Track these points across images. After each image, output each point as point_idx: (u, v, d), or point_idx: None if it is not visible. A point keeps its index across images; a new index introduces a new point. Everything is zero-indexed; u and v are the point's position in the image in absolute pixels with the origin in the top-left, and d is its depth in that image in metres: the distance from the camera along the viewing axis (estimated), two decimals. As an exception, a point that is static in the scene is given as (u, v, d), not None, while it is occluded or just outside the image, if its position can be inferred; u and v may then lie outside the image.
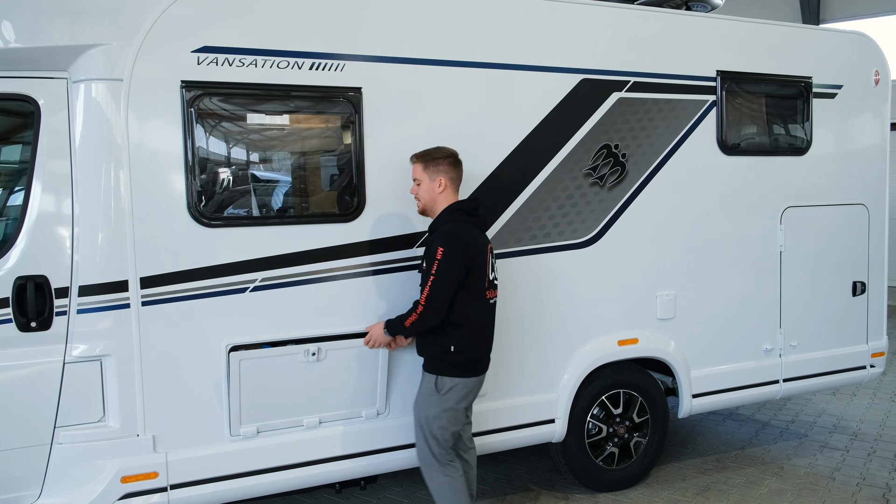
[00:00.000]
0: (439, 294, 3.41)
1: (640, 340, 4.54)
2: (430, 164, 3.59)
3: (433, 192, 3.58)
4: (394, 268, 3.86)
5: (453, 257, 3.40)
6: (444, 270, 3.39)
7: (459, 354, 3.50)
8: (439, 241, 3.43)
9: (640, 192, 4.50)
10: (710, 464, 5.17)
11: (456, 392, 3.52)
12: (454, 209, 3.56)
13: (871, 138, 5.41)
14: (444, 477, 3.58)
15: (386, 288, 3.83)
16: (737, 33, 4.87)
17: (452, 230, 3.47)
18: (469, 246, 3.46)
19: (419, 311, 3.44)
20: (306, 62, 3.61)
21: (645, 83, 4.48)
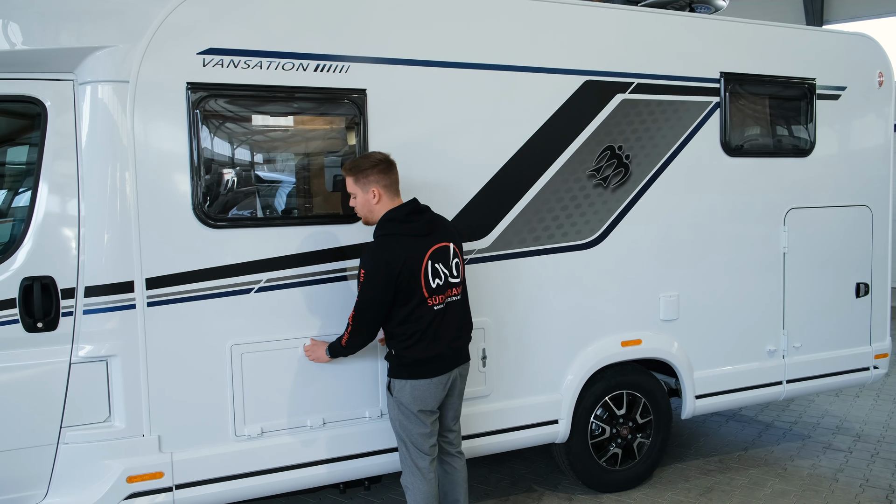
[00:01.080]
0: (365, 316, 3.36)
1: (644, 341, 4.55)
2: (360, 177, 3.39)
3: (369, 205, 3.42)
4: (398, 269, 3.87)
5: (374, 280, 3.29)
6: (366, 293, 3.31)
7: (403, 357, 3.44)
8: (362, 263, 3.36)
9: (643, 193, 4.51)
10: (714, 465, 5.17)
11: (406, 393, 3.42)
12: (384, 220, 3.40)
13: (875, 140, 5.41)
14: (409, 476, 3.51)
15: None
16: (740, 35, 4.88)
17: (374, 250, 3.36)
18: (391, 265, 3.27)
19: (348, 330, 3.42)
20: (311, 64, 3.62)
21: (648, 85, 4.48)
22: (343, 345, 3.45)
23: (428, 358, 3.44)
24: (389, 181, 3.43)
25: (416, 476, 3.50)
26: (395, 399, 3.47)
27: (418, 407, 3.45)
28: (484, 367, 4.09)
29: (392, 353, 3.49)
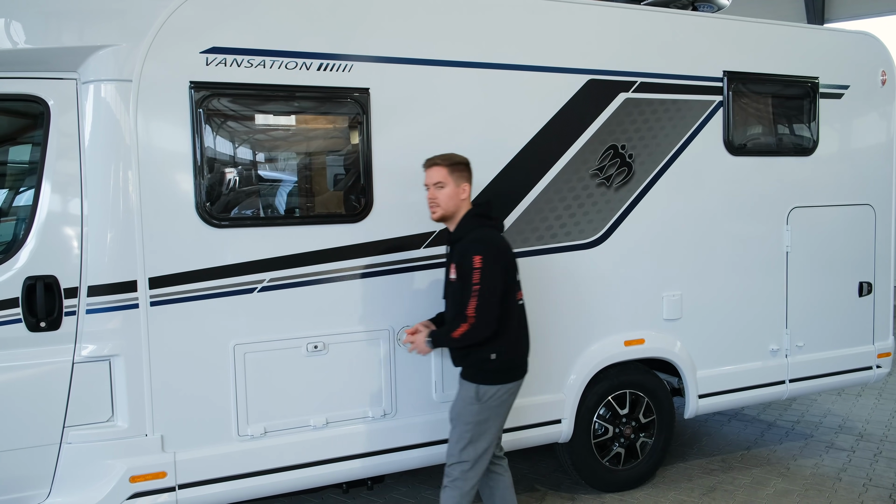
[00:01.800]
0: (488, 305, 3.26)
1: (647, 341, 4.54)
2: (456, 170, 3.42)
3: (457, 199, 3.41)
4: (402, 268, 3.86)
5: (492, 266, 3.28)
6: (487, 280, 3.25)
7: (500, 361, 3.36)
8: (474, 251, 3.27)
9: (646, 192, 4.50)
10: (716, 464, 5.17)
11: (497, 399, 3.38)
12: (475, 215, 3.45)
13: (878, 138, 5.40)
14: (458, 481, 3.40)
15: (394, 288, 3.84)
16: (743, 34, 4.87)
17: (485, 238, 3.35)
18: (502, 251, 3.37)
19: (470, 323, 3.25)
20: (314, 63, 3.61)
21: (652, 84, 4.48)
22: (455, 337, 3.30)
23: (519, 359, 3.47)
24: (471, 180, 3.50)
25: (468, 494, 3.39)
26: (484, 405, 3.35)
27: (505, 412, 3.42)
28: (487, 366, 4.08)
29: (485, 360, 3.35)
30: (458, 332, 3.29)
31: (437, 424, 3.97)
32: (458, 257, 3.36)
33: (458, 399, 3.47)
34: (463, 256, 3.32)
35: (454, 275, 3.37)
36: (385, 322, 3.83)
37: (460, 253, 3.35)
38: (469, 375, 3.42)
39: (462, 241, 3.38)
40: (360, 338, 3.78)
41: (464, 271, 3.30)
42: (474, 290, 3.24)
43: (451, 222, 3.49)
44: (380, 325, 3.82)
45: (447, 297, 3.54)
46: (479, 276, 3.24)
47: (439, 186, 3.42)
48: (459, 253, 3.36)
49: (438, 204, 3.44)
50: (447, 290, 3.52)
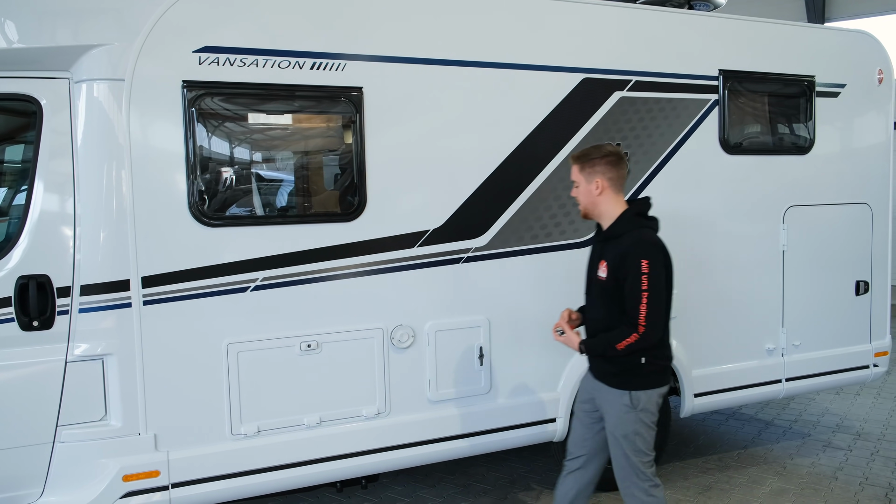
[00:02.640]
0: (658, 310, 3.09)
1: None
2: (587, 166, 3.25)
3: (591, 195, 3.25)
4: (395, 267, 3.86)
5: (658, 269, 3.11)
6: (655, 285, 3.07)
7: (652, 364, 3.19)
8: (639, 253, 3.09)
9: (641, 191, 4.49)
10: (713, 463, 5.16)
11: (652, 403, 3.21)
12: (635, 214, 3.26)
13: (875, 137, 5.39)
14: (648, 497, 3.22)
15: (387, 287, 3.84)
16: (739, 32, 4.86)
17: (649, 241, 3.17)
18: (666, 255, 3.20)
19: (641, 332, 3.06)
20: (307, 62, 3.62)
21: (647, 82, 4.47)
22: (620, 348, 3.10)
23: (668, 361, 3.31)
24: (616, 175, 3.24)
25: (655, 488, 3.23)
26: (642, 411, 3.18)
27: (658, 415, 3.26)
28: (481, 365, 4.09)
29: (636, 365, 3.16)
30: (625, 342, 3.09)
31: (432, 423, 3.98)
32: (615, 258, 3.16)
33: (609, 411, 3.25)
34: (624, 259, 3.12)
35: (604, 273, 3.20)
36: (378, 321, 3.83)
37: (620, 254, 3.14)
38: (619, 383, 3.21)
39: (619, 241, 3.18)
40: (354, 337, 3.78)
41: (622, 273, 3.12)
42: (643, 297, 3.05)
43: (599, 218, 3.31)
44: (373, 325, 3.82)
45: (591, 293, 3.39)
46: (647, 282, 3.06)
47: (574, 185, 3.33)
48: (618, 254, 3.15)
49: (578, 203, 3.35)
50: (593, 287, 3.35)
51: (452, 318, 4.01)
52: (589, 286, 3.41)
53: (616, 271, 3.15)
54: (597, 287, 3.29)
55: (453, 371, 4.03)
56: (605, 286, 3.21)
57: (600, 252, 3.29)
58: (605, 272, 3.21)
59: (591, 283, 3.37)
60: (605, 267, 3.21)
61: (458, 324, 4.02)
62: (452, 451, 4.09)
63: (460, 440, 4.08)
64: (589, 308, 3.40)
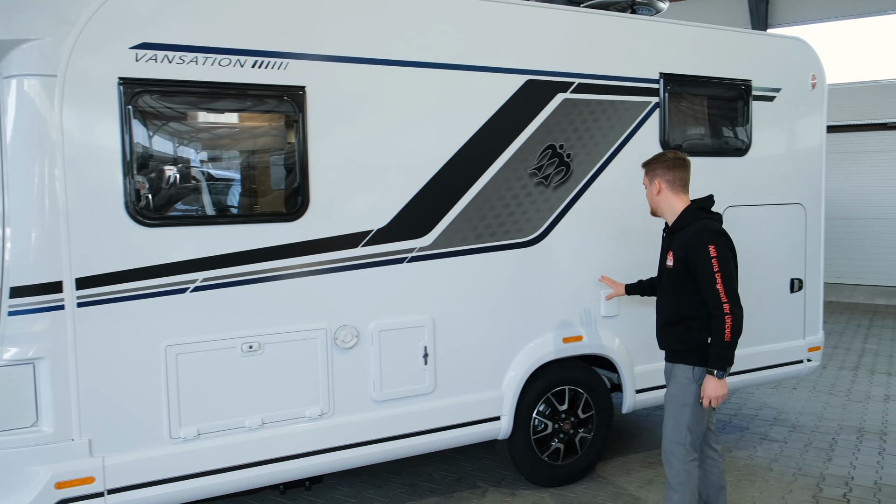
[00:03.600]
0: (732, 285, 3.42)
1: (585, 338, 4.61)
2: (648, 170, 3.72)
3: (652, 196, 3.71)
4: (339, 267, 3.85)
5: (725, 251, 3.46)
6: (724, 264, 3.41)
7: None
8: (705, 240, 3.44)
9: (584, 191, 4.57)
10: (655, 457, 5.27)
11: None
12: (698, 208, 3.62)
13: (809, 140, 5.58)
14: (684, 467, 3.54)
15: (331, 287, 3.82)
16: (679, 37, 4.98)
17: (711, 227, 3.53)
18: (729, 240, 3.55)
19: (727, 310, 3.36)
20: (249, 60, 3.57)
21: (590, 84, 4.55)
22: (729, 339, 3.37)
23: None
24: (672, 177, 3.63)
25: (690, 475, 3.54)
26: (699, 387, 3.49)
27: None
28: (426, 364, 4.10)
29: (703, 340, 3.50)
30: (727, 332, 3.37)
31: (376, 423, 3.98)
32: (681, 247, 3.52)
33: (673, 384, 3.62)
34: (691, 247, 3.46)
35: (671, 262, 3.59)
36: (322, 321, 3.82)
37: (686, 243, 3.50)
38: (683, 358, 3.56)
39: (684, 232, 3.55)
40: (297, 337, 3.75)
41: (692, 261, 3.45)
42: (717, 277, 3.38)
43: (664, 216, 3.71)
44: (317, 325, 3.80)
45: (659, 279, 3.77)
46: (718, 264, 3.40)
47: (644, 188, 3.77)
48: (684, 243, 3.51)
49: (648, 204, 3.78)
50: (663, 274, 3.71)
51: (397, 318, 4.02)
52: (660, 276, 3.78)
53: (683, 259, 3.51)
54: (666, 275, 3.66)
55: (398, 371, 4.03)
56: (673, 274, 3.59)
57: (668, 244, 3.68)
58: (672, 261, 3.59)
59: (661, 273, 3.75)
60: (672, 257, 3.59)
61: (402, 323, 4.03)
62: (398, 450, 4.10)
63: (405, 439, 4.09)
64: (661, 295, 3.76)
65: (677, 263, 3.54)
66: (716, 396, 3.43)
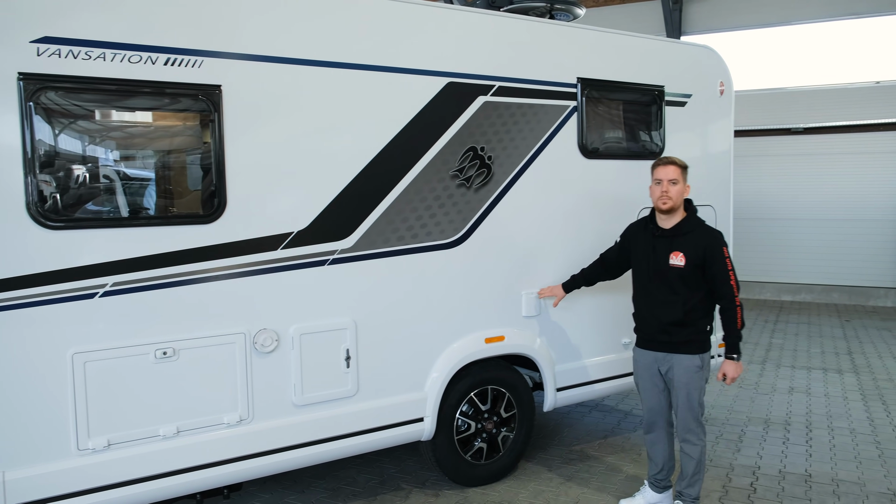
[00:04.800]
0: (738, 281, 4.01)
1: (507, 338, 4.68)
2: (685, 171, 4.10)
3: (682, 196, 4.07)
4: (258, 270, 3.78)
5: (729, 252, 4.07)
6: (733, 264, 4.01)
7: (712, 331, 4.15)
8: (721, 242, 4.01)
9: (505, 193, 4.63)
10: (575, 454, 5.40)
11: (710, 363, 4.16)
12: (694, 214, 4.14)
13: (717, 144, 5.83)
14: (699, 441, 4.08)
15: (249, 291, 3.74)
16: (596, 42, 5.11)
17: (718, 231, 4.10)
18: None
19: (738, 302, 3.98)
20: (160, 57, 3.46)
21: (509, 88, 4.62)
22: (740, 326, 4.01)
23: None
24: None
25: (703, 435, 4.11)
26: (705, 370, 4.08)
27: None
28: (348, 367, 4.07)
29: (705, 331, 4.07)
30: (739, 318, 3.99)
31: (298, 428, 3.93)
32: (694, 248, 3.97)
33: (682, 373, 4.03)
34: (708, 248, 3.96)
35: (680, 261, 3.98)
36: (240, 326, 3.73)
37: (702, 244, 3.97)
38: (690, 348, 4.02)
39: (694, 234, 4.02)
40: (214, 342, 3.66)
41: (708, 261, 3.95)
42: (731, 274, 3.96)
43: (673, 214, 4.06)
44: (235, 329, 3.72)
45: (651, 279, 4.11)
46: (730, 263, 4.00)
47: (673, 182, 4.02)
48: (699, 244, 3.97)
49: (671, 197, 4.03)
50: (657, 273, 4.07)
51: (318, 321, 3.98)
52: (652, 275, 4.10)
53: (698, 259, 3.96)
54: (672, 273, 4.01)
55: (319, 374, 3.99)
56: (683, 272, 3.99)
57: (669, 245, 4.04)
58: (682, 261, 3.98)
59: (659, 272, 4.06)
60: (681, 256, 3.99)
61: (323, 326, 3.99)
62: (320, 454, 4.05)
63: (328, 443, 4.05)
64: (657, 292, 4.09)
65: (689, 263, 3.96)
66: (737, 376, 4.02)
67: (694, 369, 4.02)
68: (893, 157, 13.13)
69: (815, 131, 13.64)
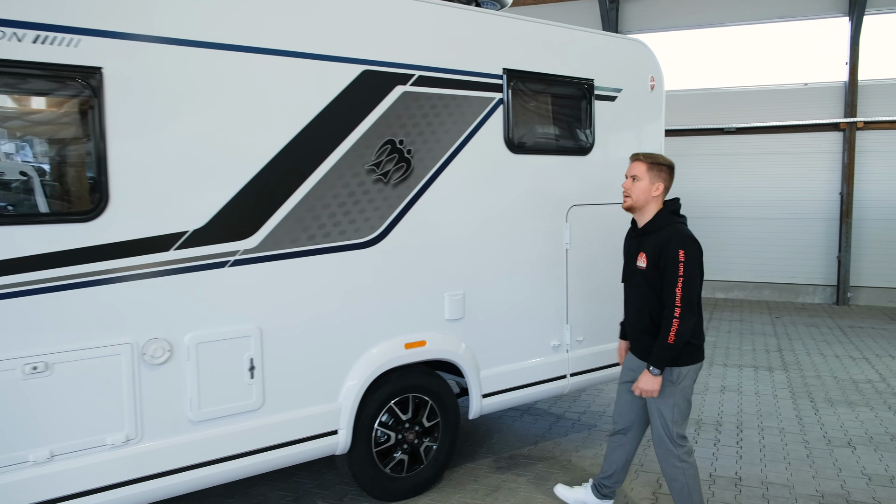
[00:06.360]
0: (691, 292, 3.52)
1: (429, 342, 4.41)
2: (655, 167, 3.70)
3: (648, 194, 3.69)
4: (148, 273, 3.41)
5: (693, 256, 3.54)
6: (690, 269, 3.52)
7: (694, 342, 3.64)
8: (677, 244, 3.54)
9: (426, 189, 4.37)
10: (504, 462, 5.18)
11: (689, 378, 3.68)
12: (672, 212, 3.71)
13: (649, 140, 5.69)
14: (681, 463, 3.70)
15: (138, 296, 3.38)
16: (524, 32, 4.89)
17: (685, 233, 3.62)
18: (699, 248, 3.60)
19: (677, 314, 3.49)
20: (28, 34, 3.07)
21: (431, 77, 4.35)
22: (672, 341, 3.50)
23: (702, 341, 3.73)
24: (670, 184, 3.77)
25: (687, 456, 3.70)
26: (679, 386, 3.65)
27: (693, 389, 3.71)
28: (252, 378, 3.74)
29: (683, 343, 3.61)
30: (672, 333, 3.50)
31: (195, 446, 3.58)
32: (654, 248, 3.63)
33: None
34: (664, 248, 3.57)
35: (643, 263, 3.67)
36: (126, 335, 3.36)
37: (659, 244, 3.60)
38: (666, 361, 3.60)
39: (659, 234, 3.64)
40: (95, 355, 3.28)
41: (661, 262, 3.57)
42: (679, 281, 3.50)
43: (639, 214, 3.76)
44: (120, 339, 3.35)
45: (628, 280, 3.87)
46: (683, 269, 3.51)
47: (636, 179, 3.71)
48: (657, 244, 3.61)
49: (629, 195, 3.74)
50: (631, 275, 3.83)
51: (218, 329, 3.63)
52: (629, 276, 3.88)
53: (656, 260, 3.61)
54: (638, 276, 3.74)
55: (220, 386, 3.65)
56: (645, 274, 3.67)
57: (638, 245, 3.75)
58: (644, 262, 3.67)
59: (632, 274, 3.83)
60: (644, 258, 3.68)
61: (224, 334, 3.65)
62: (222, 474, 3.70)
63: (231, 462, 3.71)
64: (631, 296, 3.86)
65: (650, 264, 3.65)
66: (648, 390, 3.61)
67: (665, 383, 3.64)
68: (823, 158, 13.44)
69: (748, 131, 13.86)
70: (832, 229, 13.38)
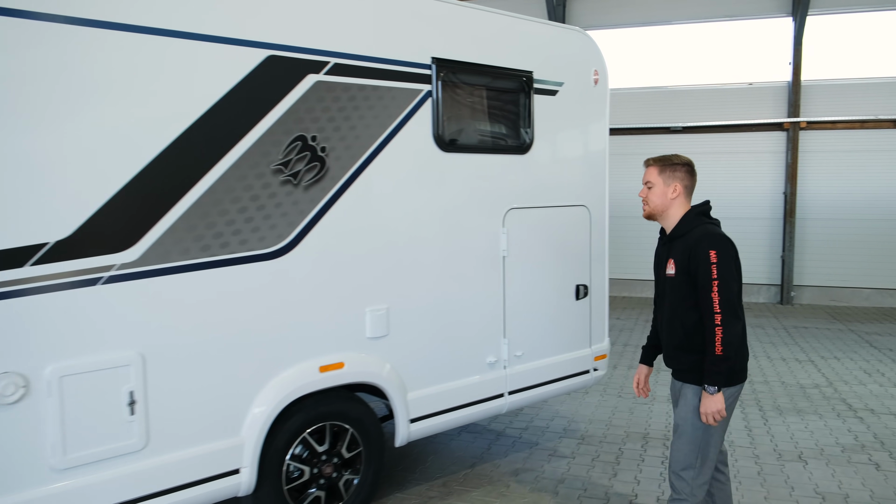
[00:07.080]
0: (729, 296, 3.15)
1: (347, 364, 3.92)
2: (667, 169, 3.41)
3: (665, 198, 3.40)
4: (-2, 293, 2.83)
5: (728, 257, 3.20)
6: (725, 270, 3.16)
7: (735, 362, 3.22)
8: (707, 245, 3.20)
9: (343, 191, 3.87)
10: (436, 490, 4.72)
11: (729, 401, 3.27)
12: (699, 213, 3.39)
13: (592, 138, 5.31)
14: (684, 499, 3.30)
15: (-18, 322, 2.80)
16: (455, 19, 4.44)
17: (715, 233, 3.27)
18: (734, 247, 3.26)
19: (719, 321, 3.12)
20: None
21: (349, 66, 3.86)
22: (720, 353, 3.12)
23: (744, 360, 3.34)
24: (690, 183, 3.44)
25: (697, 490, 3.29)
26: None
27: (729, 416, 3.31)
28: (133, 414, 3.19)
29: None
30: (717, 344, 3.12)
31: (59, 499, 3.01)
32: (682, 252, 3.29)
33: (682, 405, 3.34)
34: (693, 251, 3.23)
35: (672, 269, 3.35)
36: None
37: (688, 248, 3.26)
38: (694, 378, 3.29)
39: (686, 238, 3.32)
40: (-77, 395, 2.69)
41: (692, 266, 3.23)
42: (714, 285, 3.15)
43: (664, 220, 3.45)
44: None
45: (659, 294, 3.53)
46: (717, 271, 3.16)
47: (650, 186, 3.44)
48: (686, 248, 3.28)
49: (647, 202, 3.46)
50: (660, 286, 3.51)
51: (87, 358, 3.07)
52: (659, 289, 3.53)
53: (685, 265, 3.27)
54: (667, 285, 3.40)
55: (91, 426, 3.08)
56: (675, 282, 3.33)
57: (668, 252, 3.42)
58: (673, 269, 3.34)
59: (661, 284, 3.50)
60: (673, 264, 3.34)
61: (95, 364, 3.08)
62: (96, 527, 3.15)
63: (109, 513, 3.15)
64: (661, 310, 3.50)
65: (680, 270, 3.31)
66: (712, 413, 3.17)
67: (697, 403, 3.27)
68: (767, 157, 13.40)
69: (693, 130, 13.72)
70: (776, 229, 13.35)
